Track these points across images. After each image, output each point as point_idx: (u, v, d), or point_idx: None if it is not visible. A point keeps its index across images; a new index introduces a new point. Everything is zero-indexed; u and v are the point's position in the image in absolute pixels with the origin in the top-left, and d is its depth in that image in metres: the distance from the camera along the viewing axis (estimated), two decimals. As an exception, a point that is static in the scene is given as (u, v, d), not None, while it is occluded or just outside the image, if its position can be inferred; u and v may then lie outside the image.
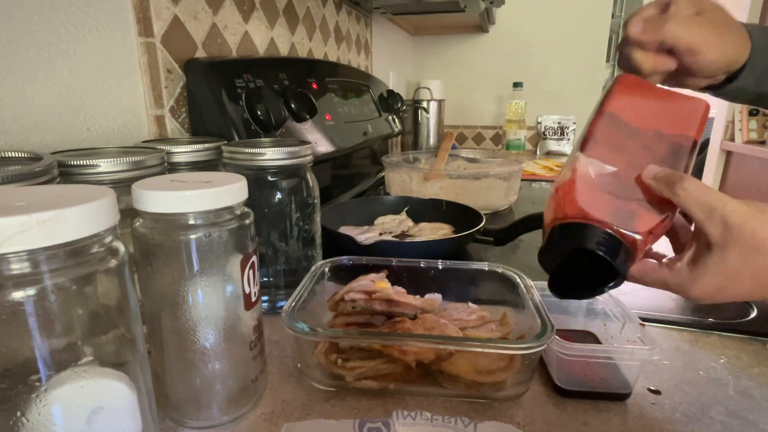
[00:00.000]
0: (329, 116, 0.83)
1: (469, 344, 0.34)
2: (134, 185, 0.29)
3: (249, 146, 0.46)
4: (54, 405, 0.21)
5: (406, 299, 0.41)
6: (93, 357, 0.22)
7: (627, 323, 0.39)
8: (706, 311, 0.51)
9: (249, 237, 0.33)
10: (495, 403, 0.36)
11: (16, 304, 0.19)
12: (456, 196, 0.88)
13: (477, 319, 0.41)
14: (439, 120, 1.62)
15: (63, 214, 0.19)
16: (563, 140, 1.85)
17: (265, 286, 0.50)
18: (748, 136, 2.24)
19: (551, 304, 0.39)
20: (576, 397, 0.36)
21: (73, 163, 0.34)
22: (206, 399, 0.33)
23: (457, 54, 1.91)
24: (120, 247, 0.24)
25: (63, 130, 0.46)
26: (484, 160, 1.17)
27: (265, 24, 0.80)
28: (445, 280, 0.47)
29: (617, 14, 2.07)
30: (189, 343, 0.31)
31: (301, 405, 0.35)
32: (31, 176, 0.29)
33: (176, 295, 0.30)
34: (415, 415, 0.33)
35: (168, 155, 0.45)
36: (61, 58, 0.45)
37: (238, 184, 0.31)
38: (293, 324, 0.34)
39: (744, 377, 0.39)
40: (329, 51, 1.09)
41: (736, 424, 0.33)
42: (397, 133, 1.22)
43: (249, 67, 0.66)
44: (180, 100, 0.60)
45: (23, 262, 0.19)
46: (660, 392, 0.37)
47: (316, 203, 0.52)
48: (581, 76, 1.83)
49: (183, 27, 0.60)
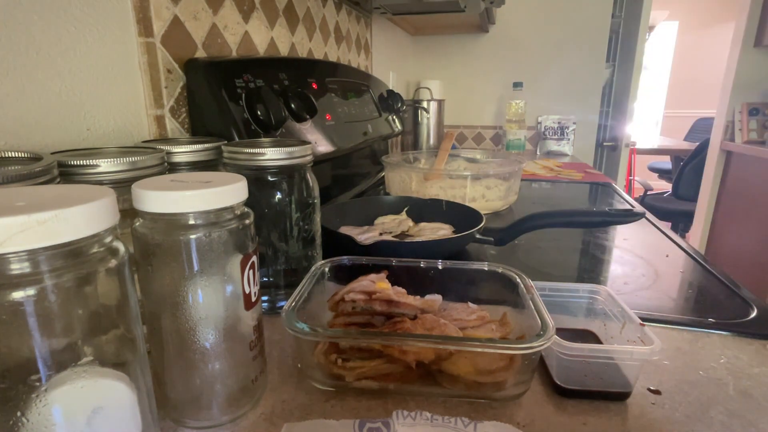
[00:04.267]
0: (329, 116, 0.83)
1: (469, 344, 0.34)
2: (134, 185, 0.29)
3: (249, 146, 0.46)
4: (54, 405, 0.21)
5: (407, 300, 0.41)
6: (93, 357, 0.22)
7: (627, 323, 0.39)
8: (706, 311, 0.51)
9: (249, 237, 0.33)
10: (495, 403, 0.36)
11: (16, 304, 0.19)
12: (456, 196, 0.88)
13: (477, 319, 0.41)
14: (439, 120, 1.62)
15: (63, 214, 0.19)
16: (563, 140, 1.85)
17: (265, 286, 0.50)
18: (748, 136, 2.24)
19: (551, 304, 0.39)
20: (576, 397, 0.36)
21: (73, 163, 0.34)
22: (206, 399, 0.33)
23: (457, 54, 1.91)
24: (120, 247, 0.24)
25: (63, 130, 0.46)
26: (484, 160, 1.17)
27: (265, 24, 0.80)
28: (445, 280, 0.47)
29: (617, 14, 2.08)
30: (189, 343, 0.31)
31: (301, 405, 0.35)
32: (31, 176, 0.29)
33: (176, 295, 0.30)
34: (415, 415, 0.33)
35: (168, 155, 0.45)
36: (61, 58, 0.45)
37: (238, 184, 0.31)
38: (293, 324, 0.34)
39: (744, 377, 0.39)
40: (329, 51, 1.09)
41: (736, 424, 0.33)
42: (397, 133, 1.22)
43: (249, 67, 0.66)
44: (180, 100, 0.60)
45: (23, 262, 0.19)
46: (660, 392, 0.37)
47: (316, 203, 0.52)
48: (581, 76, 1.83)
49: (183, 27, 0.60)
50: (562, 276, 0.62)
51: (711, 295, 0.56)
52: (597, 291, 0.44)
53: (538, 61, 1.84)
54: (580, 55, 1.80)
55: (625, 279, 0.60)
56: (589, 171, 1.41)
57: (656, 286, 0.58)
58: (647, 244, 0.74)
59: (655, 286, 0.58)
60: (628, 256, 0.68)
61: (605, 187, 1.23)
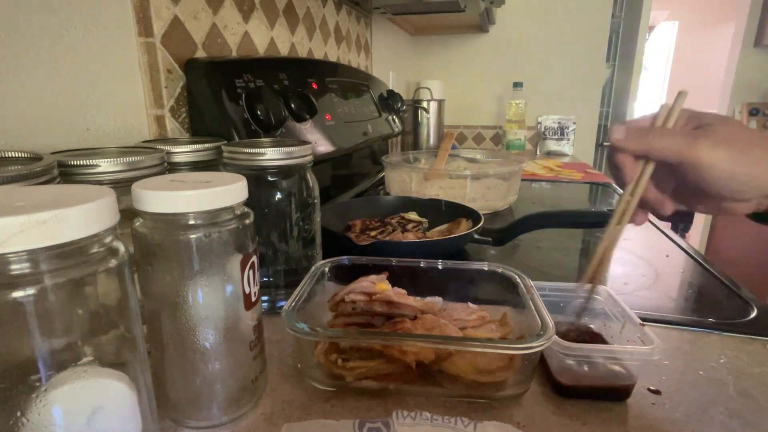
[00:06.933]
0: (329, 116, 0.83)
1: (469, 344, 0.34)
2: (134, 185, 0.29)
3: (249, 146, 0.46)
4: (54, 405, 0.21)
5: (407, 301, 0.41)
6: (93, 357, 0.22)
7: (627, 323, 0.39)
8: (706, 311, 0.51)
9: (249, 237, 0.33)
10: (495, 403, 0.36)
11: (16, 304, 0.19)
12: (456, 196, 0.88)
13: (477, 319, 0.41)
14: (439, 120, 1.62)
15: (63, 214, 0.19)
16: (563, 140, 1.85)
17: (265, 286, 0.50)
18: (748, 136, 2.24)
19: (551, 305, 0.39)
20: (576, 397, 0.36)
21: (73, 163, 0.34)
22: (206, 399, 0.33)
23: (457, 54, 1.91)
24: (120, 247, 0.24)
25: (63, 130, 0.46)
26: (484, 160, 1.17)
27: (265, 24, 0.80)
28: (445, 280, 0.47)
29: (617, 14, 2.08)
30: (189, 343, 0.31)
31: (301, 405, 0.35)
32: (31, 176, 0.29)
33: (176, 295, 0.30)
34: (415, 415, 0.33)
35: (168, 155, 0.45)
36: (61, 58, 0.45)
37: (238, 184, 0.31)
38: (293, 324, 0.34)
39: (744, 377, 0.39)
40: (329, 51, 1.08)
41: (736, 424, 0.33)
42: (397, 133, 1.22)
43: (249, 67, 0.66)
44: (180, 100, 0.60)
45: (23, 262, 0.19)
46: (660, 392, 0.37)
47: (316, 203, 0.52)
48: (581, 76, 1.83)
49: (183, 27, 0.60)
50: (562, 276, 0.62)
51: (711, 295, 0.56)
52: (597, 291, 0.44)
53: (538, 61, 1.84)
54: (580, 55, 1.80)
55: (625, 279, 0.60)
56: (589, 171, 1.41)
57: (656, 286, 0.58)
58: (647, 244, 0.74)
59: (655, 286, 0.58)
60: (628, 256, 0.68)
61: (605, 187, 1.23)
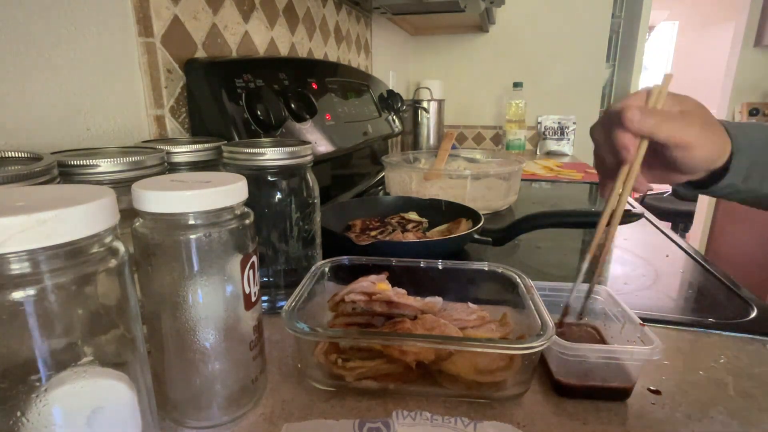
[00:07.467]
0: (329, 116, 0.83)
1: (469, 344, 0.34)
2: (134, 185, 0.29)
3: (249, 146, 0.46)
4: (54, 405, 0.21)
5: (407, 301, 0.41)
6: (93, 357, 0.22)
7: (627, 323, 0.39)
8: (706, 311, 0.51)
9: (249, 237, 0.33)
10: (495, 403, 0.36)
11: (16, 304, 0.19)
12: (456, 196, 0.88)
13: (477, 319, 0.41)
14: (439, 120, 1.62)
15: (63, 214, 0.19)
16: (563, 140, 1.85)
17: (265, 286, 0.50)
18: (748, 136, 2.24)
19: (551, 304, 0.39)
20: (576, 397, 0.36)
21: (73, 163, 0.34)
22: (206, 399, 0.33)
23: (457, 54, 1.91)
24: (120, 247, 0.24)
25: (63, 130, 0.46)
26: (484, 160, 1.17)
27: (265, 24, 0.80)
28: (445, 280, 0.47)
29: (617, 14, 2.08)
30: (189, 343, 0.31)
31: (301, 405, 0.35)
32: (31, 176, 0.29)
33: (176, 295, 0.30)
34: (415, 415, 0.33)
35: (168, 155, 0.45)
36: (61, 58, 0.45)
37: (238, 184, 0.31)
38: (293, 324, 0.34)
39: (744, 377, 0.39)
40: (329, 51, 1.08)
41: (736, 424, 0.33)
42: (397, 133, 1.22)
43: (249, 67, 0.66)
44: (180, 100, 0.60)
45: (23, 262, 0.19)
46: (660, 392, 0.37)
47: (316, 203, 0.52)
48: (581, 76, 1.83)
49: (183, 27, 0.60)
50: (562, 276, 0.62)
51: (711, 295, 0.56)
52: (597, 291, 0.44)
53: (538, 61, 1.84)
54: (580, 55, 1.80)
55: (625, 279, 0.60)
56: (589, 171, 1.41)
57: (656, 286, 0.58)
58: (647, 244, 0.74)
59: (655, 286, 0.58)
60: (628, 256, 0.68)
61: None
